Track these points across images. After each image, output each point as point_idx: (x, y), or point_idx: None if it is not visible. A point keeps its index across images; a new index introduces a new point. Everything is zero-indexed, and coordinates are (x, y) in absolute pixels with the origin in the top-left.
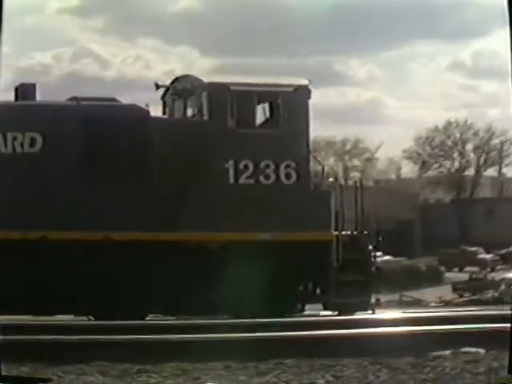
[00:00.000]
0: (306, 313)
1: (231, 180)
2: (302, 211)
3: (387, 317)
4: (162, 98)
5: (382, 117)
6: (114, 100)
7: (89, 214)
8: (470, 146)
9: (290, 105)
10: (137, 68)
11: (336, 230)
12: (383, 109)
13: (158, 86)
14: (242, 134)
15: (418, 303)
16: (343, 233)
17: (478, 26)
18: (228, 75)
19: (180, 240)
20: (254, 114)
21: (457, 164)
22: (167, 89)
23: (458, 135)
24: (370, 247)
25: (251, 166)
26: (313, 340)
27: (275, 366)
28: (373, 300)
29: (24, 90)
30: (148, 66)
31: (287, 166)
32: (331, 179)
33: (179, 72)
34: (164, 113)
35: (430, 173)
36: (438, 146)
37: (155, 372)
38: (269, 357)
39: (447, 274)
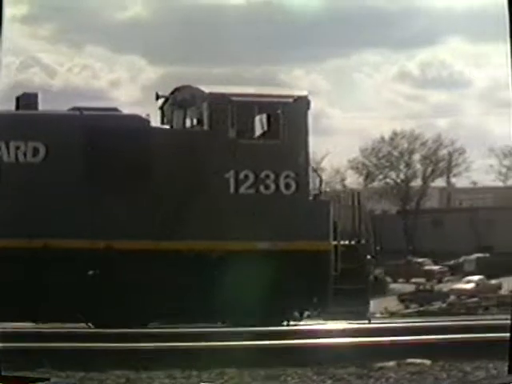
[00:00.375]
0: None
1: (231, 190)
2: (301, 221)
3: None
4: (161, 108)
5: (327, 127)
6: (115, 110)
7: (91, 223)
8: (417, 157)
9: (290, 115)
10: (83, 77)
11: (334, 239)
12: (328, 119)
13: (158, 96)
14: (243, 145)
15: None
16: (341, 242)
17: (426, 36)
18: (229, 86)
19: (181, 249)
20: (254, 124)
21: (402, 175)
22: (166, 99)
23: (405, 145)
24: (368, 257)
25: (251, 176)
26: (257, 350)
27: (217, 376)
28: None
29: (26, 100)
30: (95, 76)
31: (287, 177)
32: (328, 189)
33: (126, 81)
34: (162, 123)
35: (376, 184)
36: (384, 156)
37: (98, 380)
38: (212, 366)
39: (393, 285)
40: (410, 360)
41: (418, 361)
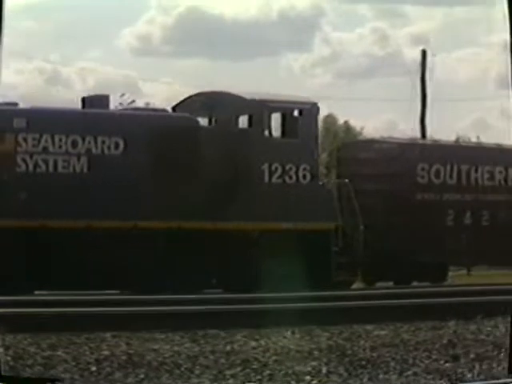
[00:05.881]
0: None
1: (266, 179)
2: (315, 205)
3: None
4: (173, 108)
5: None
6: (166, 111)
7: (162, 207)
8: None
9: (308, 118)
10: None
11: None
12: None
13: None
14: (274, 142)
15: None
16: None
17: None
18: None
19: (229, 229)
20: (282, 125)
21: None
22: (180, 102)
23: None
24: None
25: (280, 168)
26: None
27: None
28: None
29: (99, 101)
30: None
31: (304, 169)
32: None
33: None
34: None
35: None
36: None
37: None
38: None
39: None
40: None
41: None
